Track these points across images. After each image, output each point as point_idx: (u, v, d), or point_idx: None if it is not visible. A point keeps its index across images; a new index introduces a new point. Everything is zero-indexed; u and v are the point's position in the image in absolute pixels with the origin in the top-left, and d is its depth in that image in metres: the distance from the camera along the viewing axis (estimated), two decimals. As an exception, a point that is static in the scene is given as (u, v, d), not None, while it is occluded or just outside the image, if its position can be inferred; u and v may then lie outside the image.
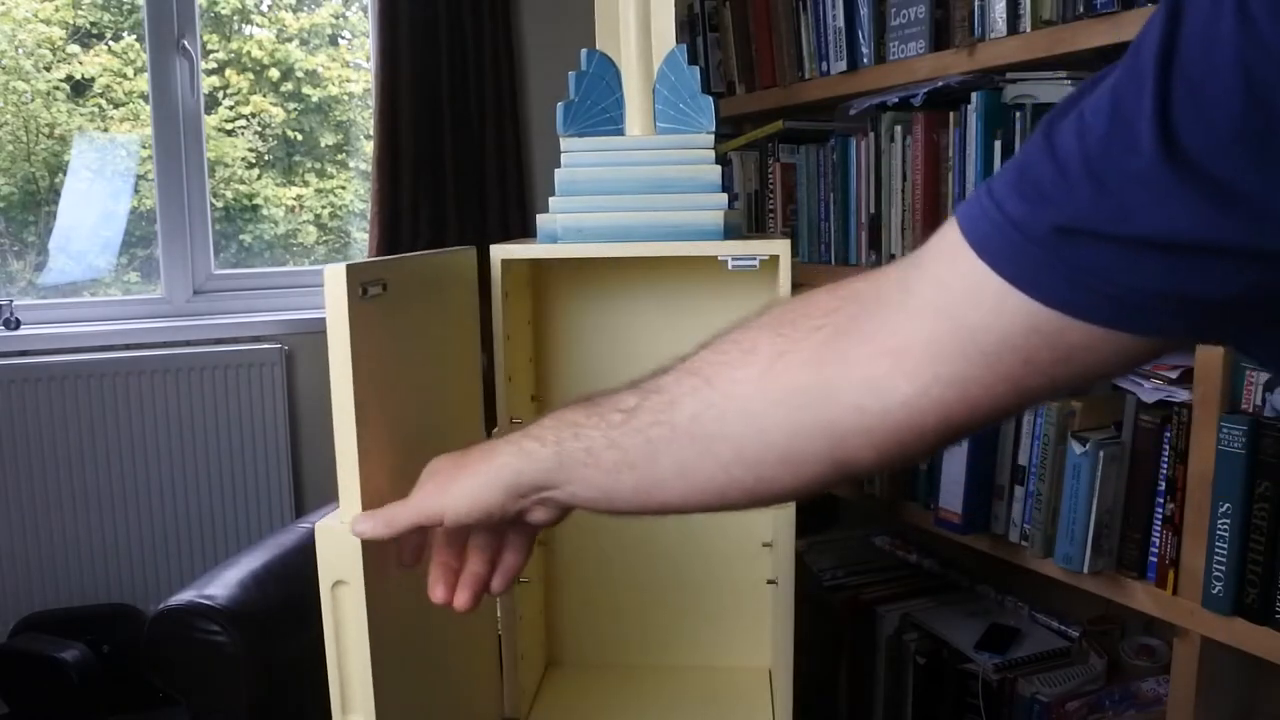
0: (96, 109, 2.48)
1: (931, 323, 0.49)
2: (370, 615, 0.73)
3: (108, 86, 2.48)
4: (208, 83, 2.50)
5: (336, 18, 2.70)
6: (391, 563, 0.76)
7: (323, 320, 0.72)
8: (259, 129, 2.63)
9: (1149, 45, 0.41)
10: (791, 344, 0.55)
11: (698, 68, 1.06)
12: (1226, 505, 1.18)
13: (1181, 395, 1.25)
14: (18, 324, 2.28)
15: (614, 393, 0.63)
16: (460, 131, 2.49)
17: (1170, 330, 0.46)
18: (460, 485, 0.68)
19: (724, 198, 1.06)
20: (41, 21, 2.41)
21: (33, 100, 2.43)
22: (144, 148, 2.47)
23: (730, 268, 1.01)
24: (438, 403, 0.95)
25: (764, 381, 0.56)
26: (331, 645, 0.74)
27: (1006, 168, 0.48)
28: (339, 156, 2.72)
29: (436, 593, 0.72)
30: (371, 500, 0.75)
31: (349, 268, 0.71)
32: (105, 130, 2.49)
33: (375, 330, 0.76)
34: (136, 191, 2.50)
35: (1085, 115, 0.43)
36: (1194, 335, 0.50)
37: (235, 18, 2.58)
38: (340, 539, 0.73)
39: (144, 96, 2.43)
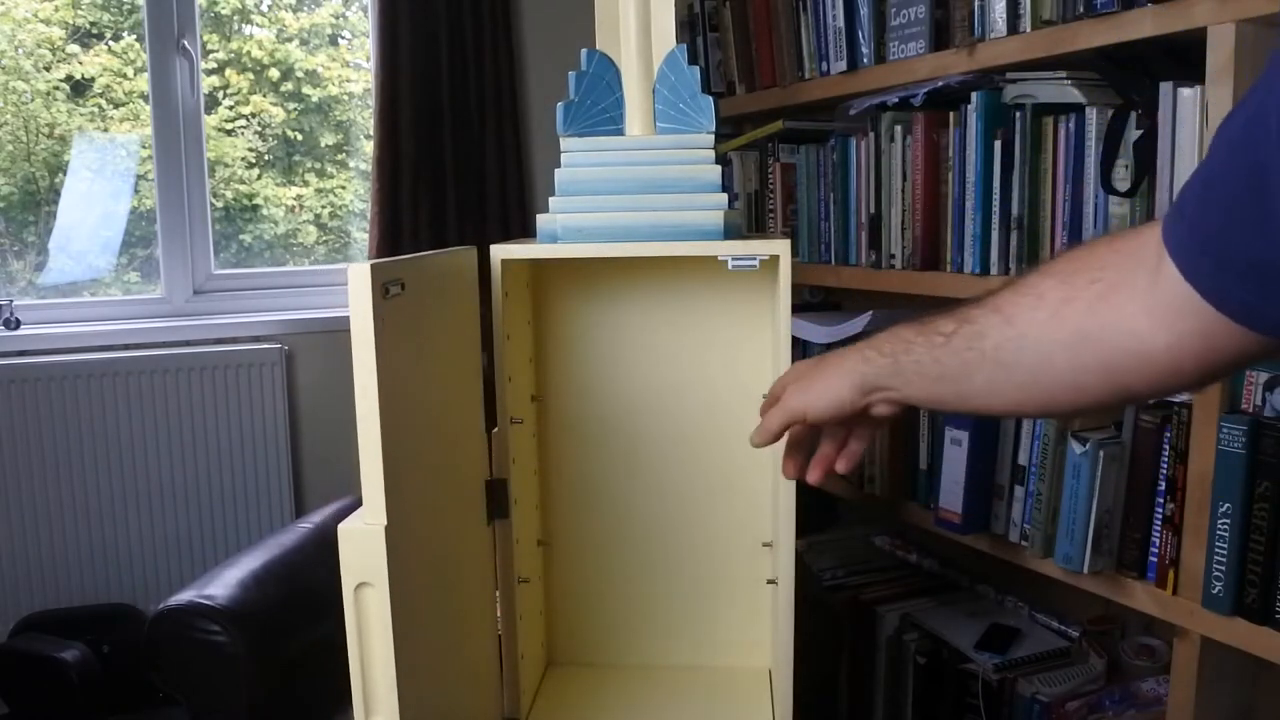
0: (96, 109, 2.48)
1: (1178, 287, 0.58)
2: (394, 617, 0.73)
3: (108, 86, 2.48)
4: (208, 83, 2.50)
5: (336, 18, 2.70)
6: (414, 563, 0.76)
7: (322, 320, 0.73)
8: (259, 129, 2.63)
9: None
10: (1074, 291, 0.66)
11: (698, 68, 1.06)
12: (1226, 505, 1.18)
13: (1181, 395, 1.25)
14: (18, 324, 2.28)
15: (936, 317, 0.77)
16: (460, 131, 2.49)
17: None
18: (819, 385, 0.84)
19: (724, 198, 1.06)
20: (41, 21, 2.41)
21: (33, 100, 2.43)
22: (144, 148, 2.47)
23: (730, 268, 1.01)
24: (443, 401, 0.95)
25: (1051, 324, 0.67)
26: (354, 647, 0.74)
27: (1190, 191, 0.57)
28: (339, 156, 2.72)
29: (789, 468, 0.91)
30: (395, 498, 0.75)
31: (373, 267, 0.71)
32: (105, 130, 2.49)
33: (394, 330, 0.77)
34: (136, 191, 2.50)
35: (1235, 143, 0.51)
36: None
37: (235, 18, 2.58)
38: (365, 541, 0.73)
39: (144, 96, 2.43)
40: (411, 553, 0.75)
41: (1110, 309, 0.63)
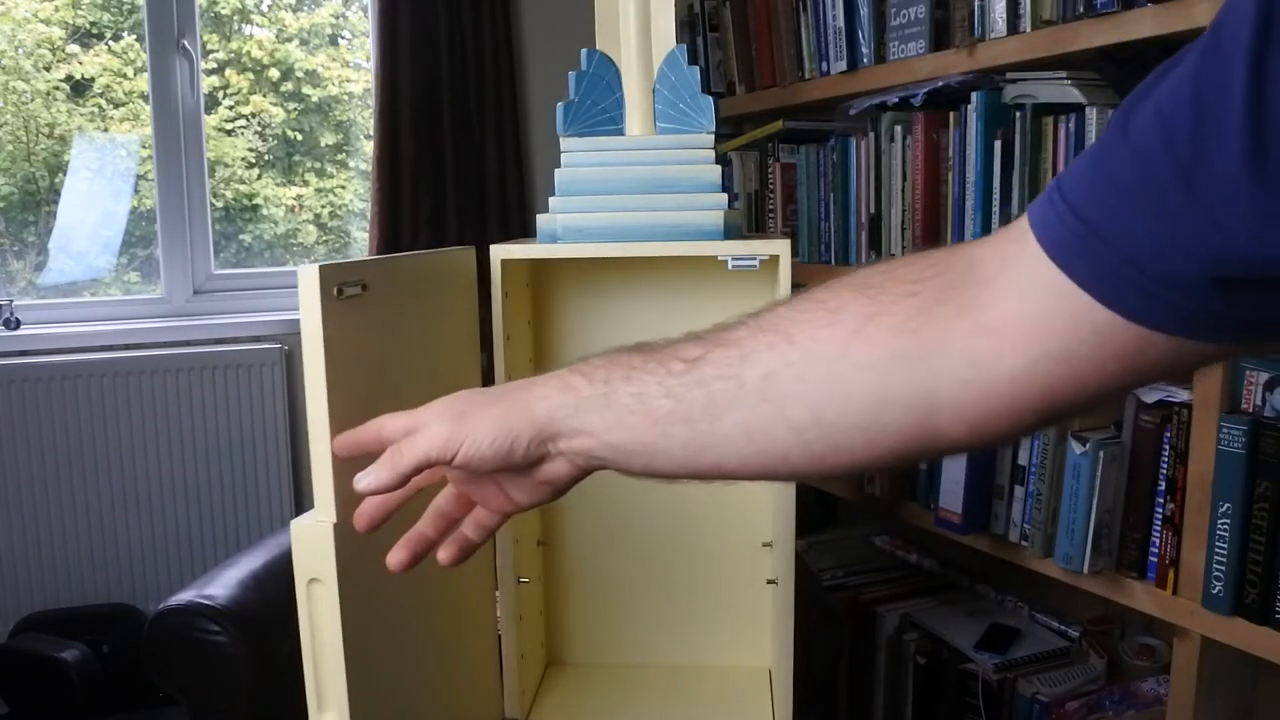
0: (96, 109, 2.48)
1: (1040, 298, 0.46)
2: (344, 613, 0.73)
3: (108, 86, 2.48)
4: (208, 83, 2.50)
5: (336, 18, 2.70)
6: (369, 558, 0.76)
7: (323, 320, 0.72)
8: (259, 129, 2.63)
9: (1238, 26, 0.37)
10: (882, 307, 0.51)
11: (698, 68, 1.06)
12: (1226, 505, 1.18)
13: (1181, 395, 1.25)
14: (18, 324, 2.28)
15: (674, 341, 0.58)
16: (460, 131, 2.49)
17: (1251, 339, 0.44)
18: (486, 415, 0.59)
19: (724, 198, 1.06)
20: (41, 21, 2.41)
21: (33, 100, 2.43)
22: (144, 148, 2.47)
23: (730, 268, 1.01)
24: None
25: (852, 343, 0.52)
26: (307, 643, 0.74)
27: (1081, 166, 0.45)
28: (339, 156, 2.72)
29: (401, 554, 0.66)
30: (346, 500, 0.74)
31: (322, 268, 0.71)
32: (105, 130, 2.49)
33: (353, 331, 0.76)
34: (136, 191, 2.50)
35: (1164, 108, 0.40)
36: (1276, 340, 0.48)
37: (235, 18, 2.58)
38: (314, 536, 0.73)
39: (144, 96, 2.43)
40: (370, 550, 0.74)
41: (935, 326, 0.50)
